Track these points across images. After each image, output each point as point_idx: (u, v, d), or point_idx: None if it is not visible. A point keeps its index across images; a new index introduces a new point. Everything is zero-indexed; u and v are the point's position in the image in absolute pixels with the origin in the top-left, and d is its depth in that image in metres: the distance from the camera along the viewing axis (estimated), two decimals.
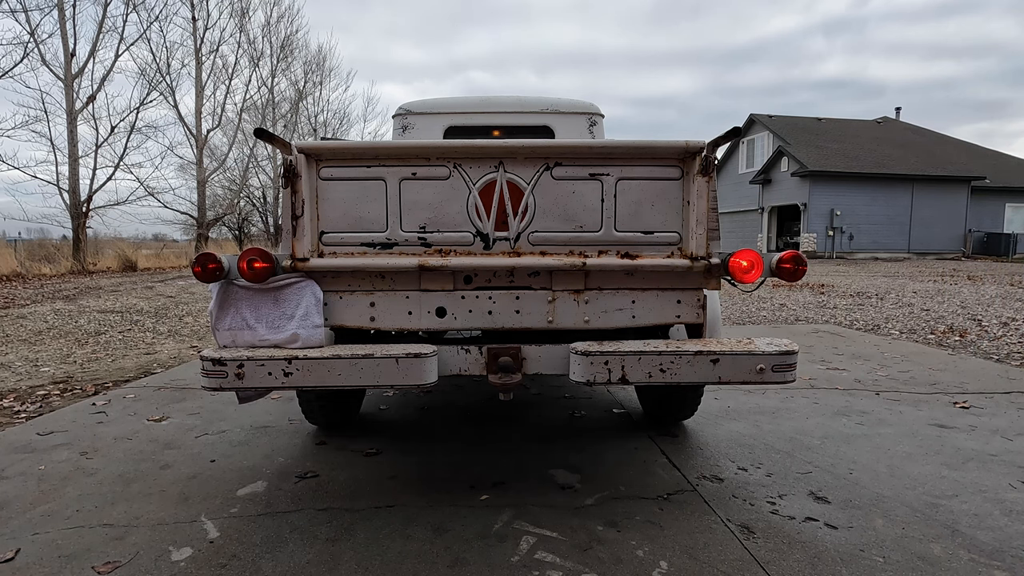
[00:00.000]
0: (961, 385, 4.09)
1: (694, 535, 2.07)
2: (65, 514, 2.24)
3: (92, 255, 15.85)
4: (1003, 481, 2.52)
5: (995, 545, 2.01)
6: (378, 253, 2.14)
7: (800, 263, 2.11)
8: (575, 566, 1.88)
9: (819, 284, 11.95)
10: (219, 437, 3.09)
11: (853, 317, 7.49)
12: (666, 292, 2.19)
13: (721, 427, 3.21)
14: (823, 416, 3.41)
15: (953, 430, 3.16)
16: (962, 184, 25.41)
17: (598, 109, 3.90)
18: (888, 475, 2.58)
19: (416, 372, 1.97)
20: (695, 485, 2.48)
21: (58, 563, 1.91)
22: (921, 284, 11.99)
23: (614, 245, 2.15)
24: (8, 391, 4.06)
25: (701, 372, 2.00)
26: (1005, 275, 14.36)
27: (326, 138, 21.56)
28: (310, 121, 27.00)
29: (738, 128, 2.06)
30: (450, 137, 3.76)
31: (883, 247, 24.76)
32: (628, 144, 2.12)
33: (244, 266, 2.03)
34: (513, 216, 2.13)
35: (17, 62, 15.21)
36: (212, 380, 1.96)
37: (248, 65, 29.08)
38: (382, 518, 2.20)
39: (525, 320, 2.17)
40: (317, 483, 2.51)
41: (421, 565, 1.89)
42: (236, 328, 2.09)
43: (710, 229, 2.10)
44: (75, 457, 2.81)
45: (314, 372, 1.95)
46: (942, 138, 29.79)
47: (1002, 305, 8.43)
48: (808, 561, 1.91)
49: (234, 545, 2.02)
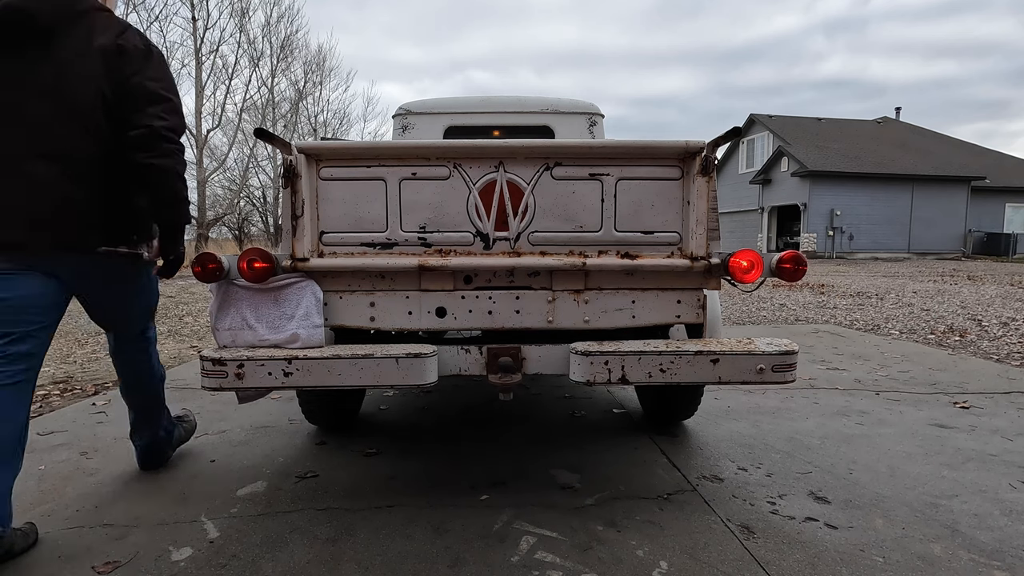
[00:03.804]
0: (961, 385, 4.09)
1: (694, 535, 2.07)
2: (65, 514, 2.24)
3: None
4: (1003, 481, 2.52)
5: (995, 545, 2.01)
6: (378, 253, 2.14)
7: (800, 263, 2.10)
8: (575, 566, 1.88)
9: (819, 284, 11.96)
10: (219, 437, 3.09)
11: (853, 317, 7.49)
12: (666, 292, 2.19)
13: (721, 427, 3.21)
14: (823, 416, 3.41)
15: (953, 430, 3.16)
16: (962, 184, 25.42)
17: (598, 109, 3.90)
18: (888, 475, 2.58)
19: (416, 372, 1.97)
20: (695, 485, 2.48)
21: (58, 563, 1.91)
22: (921, 284, 11.99)
23: (614, 245, 2.15)
24: None
25: (701, 372, 2.00)
26: (1005, 275, 14.36)
27: (326, 138, 21.57)
28: (310, 121, 27.02)
29: (738, 128, 2.06)
30: (450, 137, 3.76)
31: (883, 247, 24.76)
32: (628, 144, 2.12)
33: (244, 266, 2.03)
34: (513, 216, 2.13)
35: None
36: (212, 380, 1.96)
37: (248, 65, 29.11)
38: (382, 518, 2.20)
39: (525, 320, 2.17)
40: (317, 483, 2.51)
41: (421, 565, 1.89)
42: (236, 328, 2.09)
43: (710, 229, 2.10)
44: (75, 457, 2.81)
45: (314, 372, 1.95)
46: (942, 138, 29.80)
47: (1002, 305, 8.43)
48: (808, 561, 1.91)
49: (234, 545, 2.02)
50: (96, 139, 1.98)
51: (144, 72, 2.02)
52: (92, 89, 1.94)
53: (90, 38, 1.95)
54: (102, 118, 1.97)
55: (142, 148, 1.99)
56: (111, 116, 1.99)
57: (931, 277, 13.91)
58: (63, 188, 1.95)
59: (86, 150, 1.97)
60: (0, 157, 1.91)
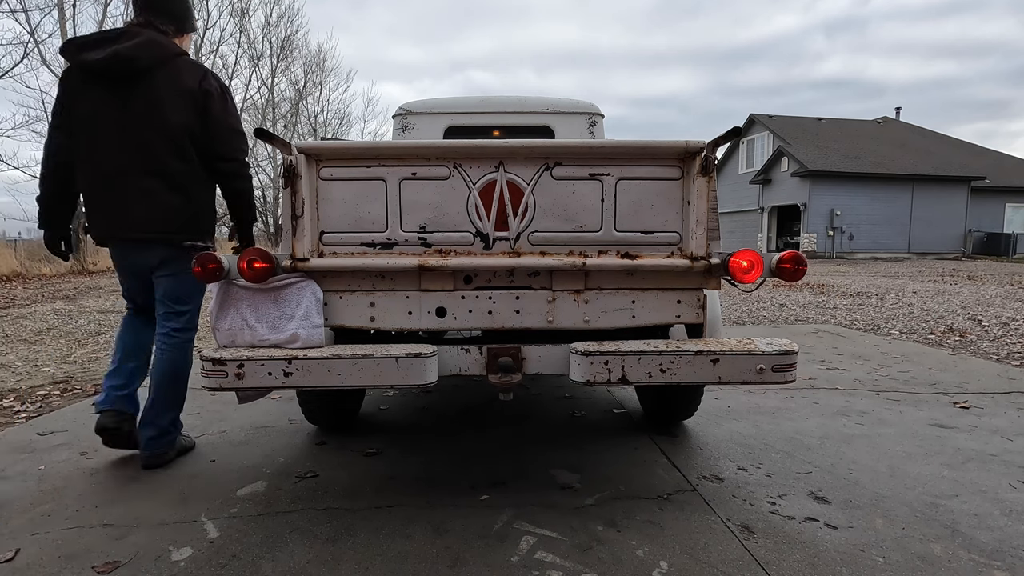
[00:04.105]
0: (961, 385, 4.09)
1: (694, 535, 2.07)
2: (65, 514, 2.24)
3: (92, 255, 15.83)
4: (1003, 481, 2.52)
5: (995, 545, 2.01)
6: (378, 253, 2.14)
7: (800, 263, 2.10)
8: (575, 566, 1.88)
9: (819, 284, 11.96)
10: (219, 437, 3.09)
11: (853, 317, 7.49)
12: (666, 292, 2.19)
13: (721, 427, 3.21)
14: (823, 416, 3.41)
15: (953, 430, 3.16)
16: (962, 184, 25.41)
17: (598, 109, 3.89)
18: (888, 475, 2.58)
19: (416, 372, 1.97)
20: (695, 485, 2.48)
21: (58, 563, 1.91)
22: (921, 284, 11.99)
23: (614, 245, 2.15)
24: (8, 391, 4.06)
25: (701, 372, 2.00)
26: (1005, 275, 14.37)
27: (326, 138, 21.57)
28: (310, 121, 27.02)
29: (738, 128, 2.06)
30: (450, 137, 3.76)
31: (883, 247, 24.76)
32: (628, 144, 2.11)
33: (244, 266, 2.03)
34: (513, 216, 2.13)
35: (17, 62, 15.26)
36: (212, 380, 1.96)
37: (248, 65, 29.09)
38: (382, 518, 2.20)
39: (525, 320, 2.17)
40: (317, 483, 2.51)
41: (421, 565, 1.89)
42: (236, 328, 2.09)
43: (710, 229, 2.10)
44: (75, 457, 2.81)
45: (314, 372, 1.95)
46: (942, 138, 29.80)
47: (1002, 305, 8.43)
48: (808, 561, 1.91)
49: (234, 545, 2.02)
50: (184, 158, 2.53)
51: (223, 110, 2.59)
52: (181, 120, 2.48)
53: (179, 79, 2.49)
54: (188, 142, 2.52)
55: (234, 176, 2.66)
56: (196, 141, 2.54)
57: (931, 277, 13.91)
58: (163, 197, 2.50)
59: (178, 167, 2.52)
60: (110, 171, 2.47)
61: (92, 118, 2.45)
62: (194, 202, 2.59)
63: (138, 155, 2.46)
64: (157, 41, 2.48)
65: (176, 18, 2.61)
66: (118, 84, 2.42)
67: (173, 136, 2.47)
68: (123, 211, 2.49)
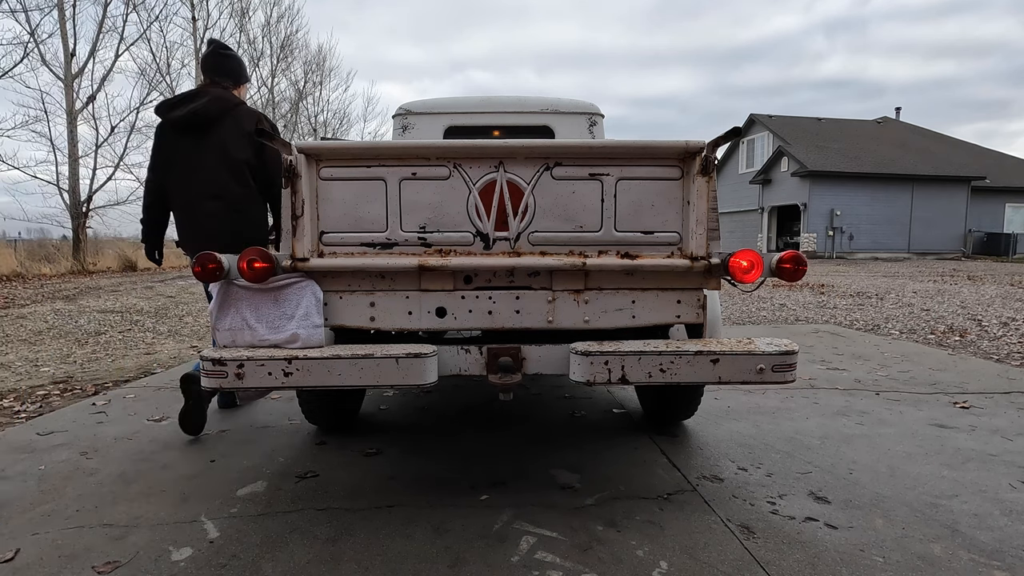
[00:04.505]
0: (961, 385, 4.09)
1: (694, 535, 2.07)
2: (65, 514, 2.25)
3: (92, 255, 15.83)
4: (1003, 481, 2.52)
5: (995, 545, 2.01)
6: (378, 253, 2.14)
7: (800, 263, 2.10)
8: (575, 566, 1.88)
9: (819, 284, 11.96)
10: (219, 437, 3.09)
11: (853, 317, 7.49)
12: (666, 292, 2.19)
13: (721, 427, 3.21)
14: (823, 416, 3.41)
15: (953, 430, 3.16)
16: (962, 184, 25.41)
17: (598, 109, 3.89)
18: (888, 475, 2.58)
19: (416, 372, 1.97)
20: (695, 485, 2.48)
21: (58, 563, 1.91)
22: (921, 284, 11.99)
23: (614, 245, 2.15)
24: (8, 391, 4.06)
25: (701, 372, 2.00)
26: (1005, 275, 14.37)
27: (326, 138, 21.56)
28: (310, 121, 27.00)
29: (738, 128, 2.06)
30: (450, 137, 3.76)
31: (883, 247, 24.75)
32: (628, 144, 2.11)
33: (244, 266, 2.03)
34: (513, 216, 2.13)
35: (17, 62, 15.21)
36: (212, 380, 1.96)
37: (248, 65, 29.03)
38: (382, 518, 2.20)
39: (525, 320, 2.17)
40: (317, 483, 2.51)
41: (421, 565, 1.89)
42: (236, 328, 2.09)
43: (710, 229, 2.10)
44: (75, 457, 2.81)
45: (314, 372, 1.95)
46: (942, 138, 29.80)
47: (1002, 305, 8.43)
48: (808, 561, 1.91)
49: (234, 545, 2.02)
50: (243, 185, 3.05)
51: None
52: (242, 156, 3.04)
53: (240, 124, 3.05)
54: (247, 173, 3.06)
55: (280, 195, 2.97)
56: (254, 172, 3.08)
57: (931, 277, 13.91)
58: (225, 217, 3.03)
59: (238, 192, 3.04)
60: (191, 198, 3.04)
61: (177, 159, 3.05)
62: (250, 218, 3.13)
63: (208, 184, 3.03)
64: (221, 96, 3.08)
65: (233, 75, 3.27)
66: (195, 133, 3.01)
67: (234, 168, 3.03)
68: (198, 227, 3.06)
